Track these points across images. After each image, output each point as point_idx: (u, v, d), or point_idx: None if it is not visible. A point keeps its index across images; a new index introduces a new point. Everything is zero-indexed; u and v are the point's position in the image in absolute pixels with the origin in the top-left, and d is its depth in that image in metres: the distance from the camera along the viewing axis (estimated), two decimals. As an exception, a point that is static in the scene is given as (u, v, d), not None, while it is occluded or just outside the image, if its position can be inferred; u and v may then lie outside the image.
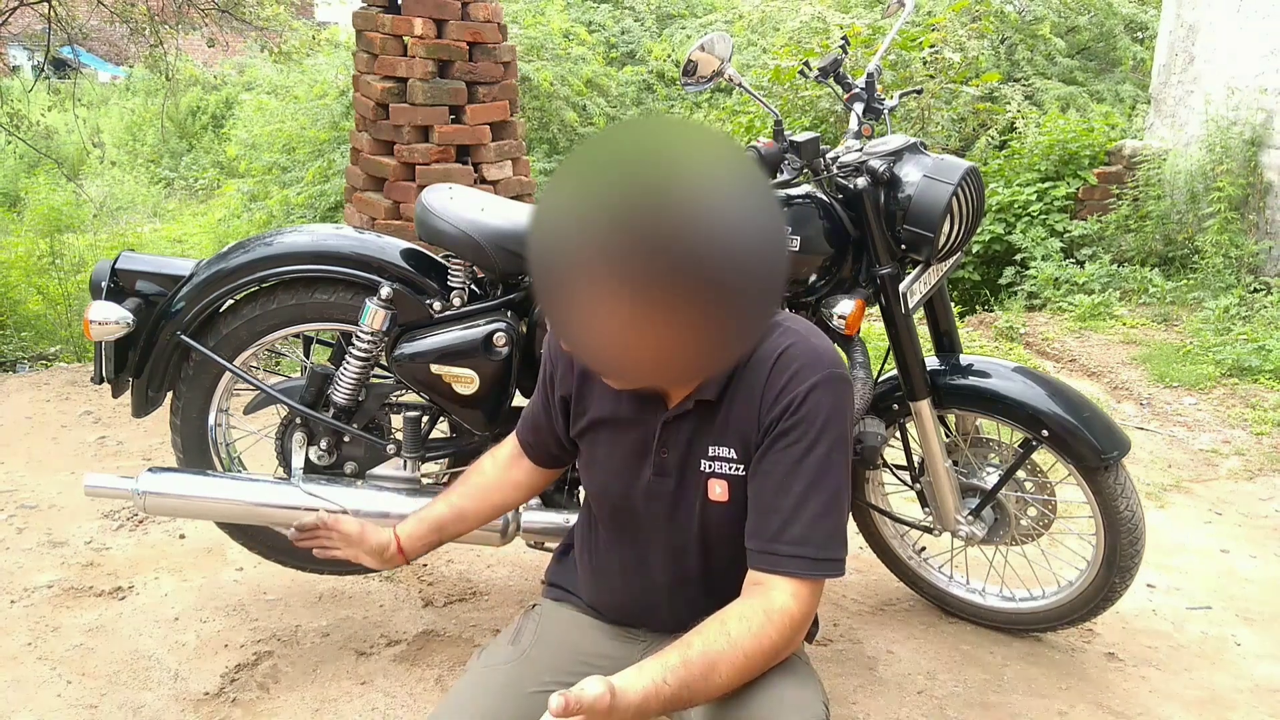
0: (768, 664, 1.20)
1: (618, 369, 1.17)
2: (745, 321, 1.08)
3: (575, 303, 1.04)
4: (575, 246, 1.01)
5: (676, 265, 0.98)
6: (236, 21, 6.57)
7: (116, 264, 2.05)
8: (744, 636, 1.17)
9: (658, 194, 0.98)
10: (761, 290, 1.06)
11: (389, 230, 3.80)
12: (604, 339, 1.06)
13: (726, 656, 1.16)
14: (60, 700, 2.00)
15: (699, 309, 1.01)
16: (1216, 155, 4.90)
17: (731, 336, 1.09)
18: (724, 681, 1.16)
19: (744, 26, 7.93)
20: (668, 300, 1.00)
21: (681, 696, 1.13)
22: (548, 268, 1.05)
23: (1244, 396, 3.82)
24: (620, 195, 0.98)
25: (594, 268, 1.00)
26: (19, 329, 4.52)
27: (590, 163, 1.04)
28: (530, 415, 1.52)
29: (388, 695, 2.03)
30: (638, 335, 1.05)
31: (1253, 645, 2.32)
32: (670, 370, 1.17)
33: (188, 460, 2.16)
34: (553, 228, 1.03)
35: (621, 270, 0.99)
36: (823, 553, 1.22)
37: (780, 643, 1.19)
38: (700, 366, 1.17)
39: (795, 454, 1.23)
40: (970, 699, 2.07)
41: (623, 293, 1.00)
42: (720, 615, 1.20)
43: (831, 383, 1.24)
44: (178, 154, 11.19)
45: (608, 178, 1.01)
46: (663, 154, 1.02)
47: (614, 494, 1.38)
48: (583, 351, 1.16)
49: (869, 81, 2.11)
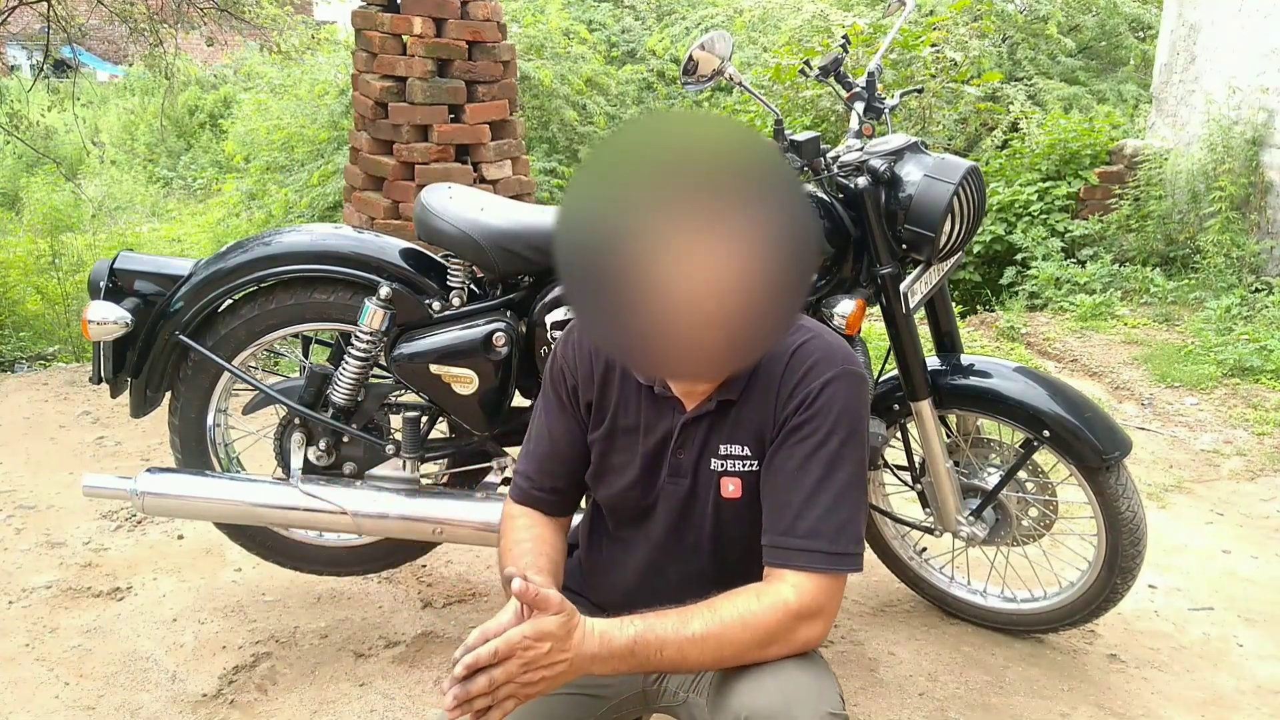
0: (752, 643, 1.18)
1: (663, 350, 1.13)
2: (790, 279, 1.11)
3: (626, 277, 1.06)
4: (628, 211, 1.04)
5: (733, 198, 1.05)
6: (236, 20, 6.56)
7: (115, 264, 2.05)
8: (725, 605, 1.18)
9: (705, 142, 1.07)
10: (801, 248, 1.10)
11: (388, 230, 3.80)
12: (658, 312, 1.08)
13: (702, 615, 1.17)
14: (58, 701, 1.99)
15: (756, 253, 1.06)
16: (1218, 155, 4.89)
17: (777, 303, 1.11)
18: (695, 637, 1.16)
19: (744, 24, 7.92)
20: (730, 238, 1.05)
21: (648, 640, 1.14)
22: (589, 253, 1.07)
23: (1245, 396, 3.81)
24: (672, 149, 1.06)
25: (654, 222, 1.04)
26: (17, 329, 4.51)
27: (628, 145, 1.10)
28: (553, 466, 1.41)
29: (386, 697, 2.03)
30: (699, 289, 1.06)
31: (1255, 646, 2.31)
32: (717, 345, 1.12)
33: (186, 460, 2.15)
34: (595, 208, 1.07)
35: (685, 206, 1.04)
36: (833, 546, 1.21)
37: (768, 624, 1.18)
38: (746, 342, 1.15)
39: (808, 448, 1.23)
40: (972, 700, 2.07)
41: (688, 235, 1.05)
42: (715, 596, 1.21)
43: (846, 378, 1.25)
44: (176, 153, 11.17)
45: (655, 146, 1.08)
46: (700, 123, 1.11)
47: (631, 498, 1.37)
48: (623, 340, 1.14)
49: (870, 80, 2.10)
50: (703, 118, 1.58)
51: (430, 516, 2.00)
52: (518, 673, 1.10)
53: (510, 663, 1.09)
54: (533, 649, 1.10)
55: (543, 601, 1.10)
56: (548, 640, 1.10)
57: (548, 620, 1.11)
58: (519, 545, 1.36)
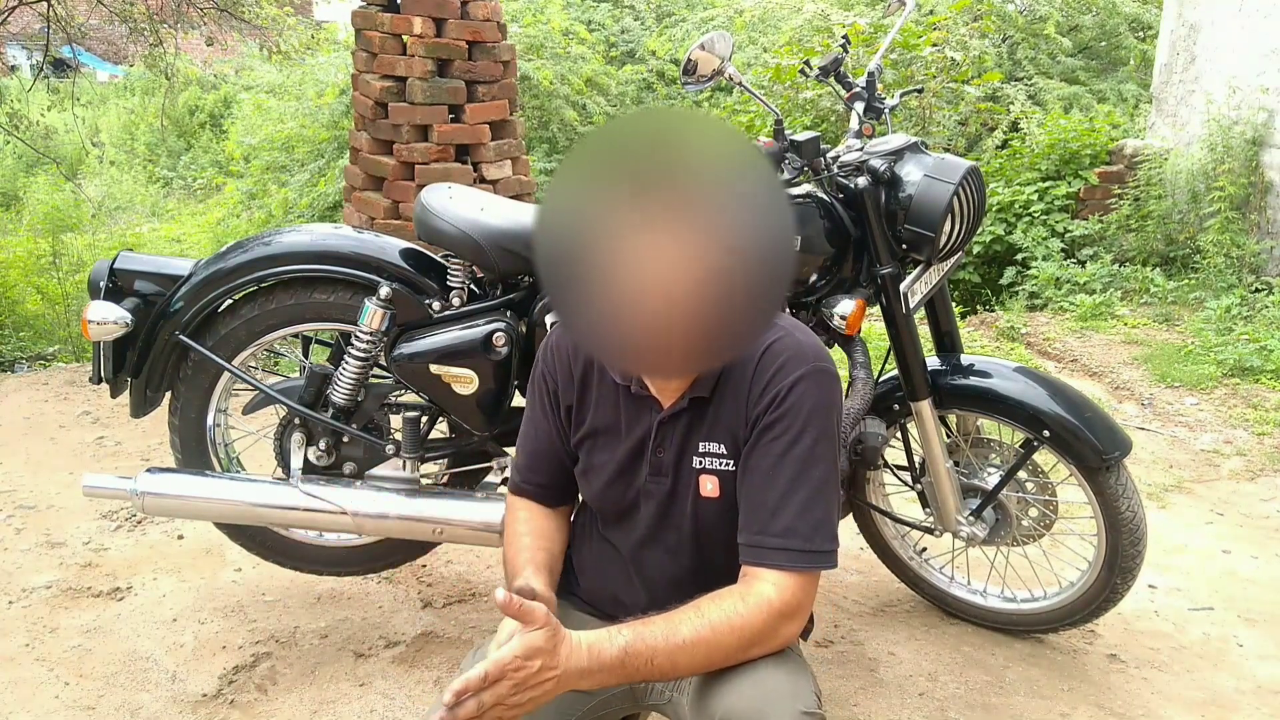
0: (740, 645, 1.19)
1: (635, 346, 1.13)
2: (764, 278, 1.10)
3: (600, 271, 1.06)
4: (602, 206, 1.05)
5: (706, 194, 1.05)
6: (235, 20, 6.56)
7: (115, 264, 2.05)
8: (712, 609, 1.18)
9: (682, 139, 1.07)
10: (777, 246, 1.10)
11: (388, 230, 3.80)
12: (630, 306, 1.08)
13: (689, 619, 1.17)
14: (58, 701, 1.99)
15: (729, 250, 1.06)
16: (1218, 154, 4.89)
17: (750, 302, 1.11)
18: (685, 643, 1.16)
19: (744, 24, 7.92)
20: (701, 233, 1.05)
21: (638, 650, 1.14)
22: (564, 247, 1.07)
23: (1245, 396, 3.81)
24: (648, 145, 1.06)
25: (627, 216, 1.05)
26: (18, 329, 4.51)
27: (607, 142, 1.11)
28: (538, 462, 1.44)
29: (386, 697, 2.03)
30: (670, 283, 1.06)
31: (1255, 646, 2.31)
32: (689, 341, 1.12)
33: (186, 460, 2.15)
34: (572, 204, 1.07)
35: (658, 200, 1.04)
36: (809, 544, 1.22)
37: (753, 624, 1.18)
38: (719, 339, 1.14)
39: (780, 447, 1.24)
40: (972, 700, 2.07)
41: (659, 229, 1.05)
42: (698, 599, 1.21)
43: (816, 376, 1.25)
44: (176, 153, 11.17)
45: (632, 142, 1.08)
46: (678, 120, 1.11)
47: (613, 497, 1.38)
48: (598, 336, 1.14)
49: (870, 80, 2.10)
50: (682, 116, 1.57)
51: (430, 516, 2.00)
52: (507, 694, 1.10)
53: (500, 685, 1.09)
54: (523, 669, 1.10)
55: (527, 614, 1.10)
56: (537, 657, 1.10)
57: (535, 635, 1.10)
58: (519, 539, 1.39)
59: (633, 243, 1.05)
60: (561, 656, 1.12)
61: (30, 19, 7.55)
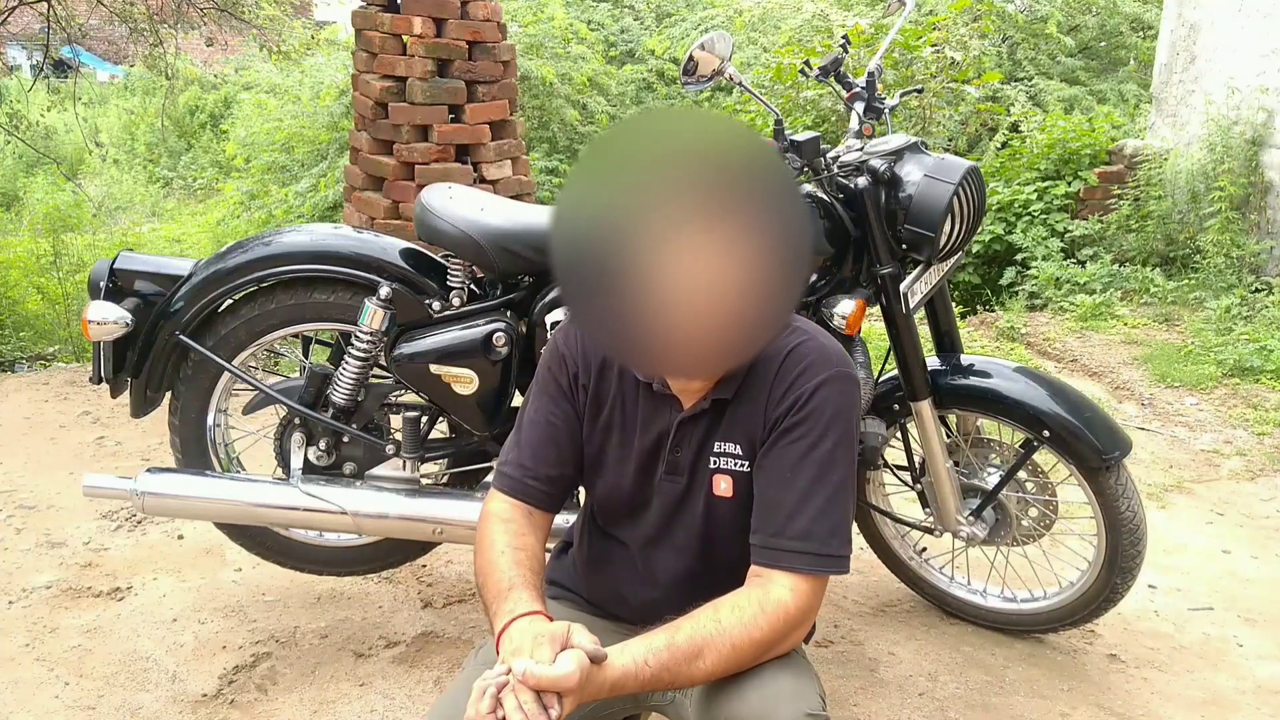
0: (757, 656, 1.19)
1: (666, 348, 1.13)
2: (789, 275, 1.11)
3: (629, 276, 1.06)
4: (629, 209, 1.04)
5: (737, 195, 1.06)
6: (236, 21, 6.56)
7: (115, 264, 2.05)
8: (734, 626, 1.17)
9: (703, 139, 1.07)
10: (796, 247, 1.11)
11: (388, 230, 3.80)
12: (663, 310, 1.08)
13: (713, 644, 1.16)
14: (58, 701, 1.99)
15: (750, 251, 1.06)
16: (1218, 155, 4.89)
17: (776, 299, 1.11)
18: (708, 668, 1.16)
19: (744, 24, 7.91)
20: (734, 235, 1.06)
21: (662, 679, 1.14)
22: (584, 250, 1.07)
23: (1245, 397, 3.81)
24: (673, 147, 1.07)
25: (657, 219, 1.04)
26: (18, 329, 4.51)
27: (626, 143, 1.11)
28: (545, 453, 1.38)
29: (386, 697, 2.03)
30: (706, 286, 1.07)
31: (1255, 646, 2.31)
32: (722, 341, 1.13)
33: (186, 460, 2.15)
34: (594, 207, 1.07)
35: (689, 203, 1.04)
36: (825, 549, 1.22)
37: (771, 636, 1.19)
38: (747, 337, 1.15)
39: (800, 449, 1.24)
40: (972, 700, 2.07)
41: (693, 231, 1.05)
42: (715, 603, 1.20)
43: (839, 380, 1.25)
44: (176, 153, 11.17)
45: (651, 144, 1.08)
46: (698, 121, 1.13)
47: (625, 494, 1.37)
48: (625, 340, 1.13)
49: (870, 81, 2.10)
50: (699, 116, 1.58)
51: (430, 516, 2.00)
52: None
53: None
54: None
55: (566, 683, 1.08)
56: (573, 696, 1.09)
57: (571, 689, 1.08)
58: (501, 557, 1.29)
59: (665, 246, 1.05)
60: (587, 695, 1.11)
61: (30, 19, 7.55)
